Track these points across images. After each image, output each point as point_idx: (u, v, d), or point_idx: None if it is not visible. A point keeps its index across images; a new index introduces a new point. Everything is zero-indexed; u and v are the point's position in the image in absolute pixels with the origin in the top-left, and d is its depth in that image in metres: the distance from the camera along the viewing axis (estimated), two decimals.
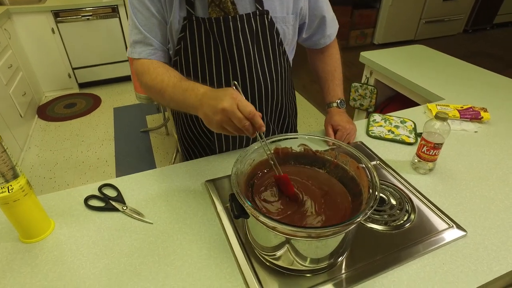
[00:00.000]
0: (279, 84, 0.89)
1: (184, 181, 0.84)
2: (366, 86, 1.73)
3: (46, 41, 2.93)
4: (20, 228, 0.67)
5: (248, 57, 0.80)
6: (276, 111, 0.95)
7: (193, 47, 0.78)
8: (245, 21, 0.76)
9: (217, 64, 0.80)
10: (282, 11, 0.80)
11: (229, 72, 0.81)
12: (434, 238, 0.69)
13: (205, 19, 0.75)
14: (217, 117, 0.59)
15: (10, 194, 0.60)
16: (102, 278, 0.61)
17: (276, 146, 0.71)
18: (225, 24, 0.75)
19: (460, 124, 1.07)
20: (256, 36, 0.79)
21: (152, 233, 0.70)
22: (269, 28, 0.80)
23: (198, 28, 0.76)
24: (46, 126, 2.78)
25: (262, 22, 0.78)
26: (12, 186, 0.60)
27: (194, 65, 0.81)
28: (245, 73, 0.81)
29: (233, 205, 0.59)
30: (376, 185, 0.57)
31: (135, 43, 0.80)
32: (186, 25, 0.75)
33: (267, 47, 0.82)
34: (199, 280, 0.61)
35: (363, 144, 0.99)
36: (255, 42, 0.80)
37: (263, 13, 0.78)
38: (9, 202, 0.61)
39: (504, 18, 5.14)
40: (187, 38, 0.77)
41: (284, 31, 0.83)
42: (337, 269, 0.63)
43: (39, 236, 0.68)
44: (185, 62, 0.81)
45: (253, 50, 0.80)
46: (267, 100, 0.88)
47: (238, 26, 0.76)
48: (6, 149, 0.59)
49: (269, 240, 0.59)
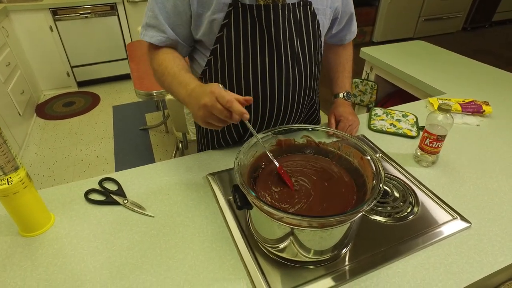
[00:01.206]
0: (314, 76, 0.89)
1: (186, 174, 0.84)
2: (367, 82, 1.72)
3: (44, 39, 2.91)
4: (20, 222, 0.67)
5: (292, 47, 0.79)
6: (309, 102, 0.96)
7: (236, 34, 0.76)
8: (290, 10, 0.76)
9: (262, 52, 0.78)
10: (322, 3, 0.81)
11: (274, 60, 0.79)
12: (438, 230, 0.68)
13: (252, 6, 0.73)
14: (200, 113, 0.63)
15: (9, 186, 0.59)
16: (103, 271, 0.60)
17: (279, 138, 0.70)
18: (275, 11, 0.74)
19: (462, 118, 1.06)
20: (300, 26, 0.79)
21: (153, 227, 0.69)
22: (311, 19, 0.80)
23: (244, 15, 0.74)
24: (44, 125, 2.77)
25: (306, 12, 0.78)
26: (12, 179, 0.59)
27: (237, 53, 0.78)
28: (288, 62, 0.80)
29: (236, 196, 0.58)
30: (381, 176, 0.57)
31: (148, 26, 0.78)
32: (231, 11, 0.73)
33: (309, 38, 0.82)
34: (202, 273, 0.60)
35: (365, 137, 0.98)
36: (298, 33, 0.79)
37: (307, 4, 0.78)
38: (8, 195, 0.60)
39: (502, 15, 5.15)
40: (231, 25, 0.75)
41: (323, 23, 0.84)
42: (340, 261, 0.62)
43: (39, 230, 0.68)
44: (227, 50, 0.78)
45: (296, 39, 0.79)
46: (305, 90, 0.87)
47: (286, 15, 0.75)
48: (6, 141, 0.58)
49: (273, 232, 0.58)
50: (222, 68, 0.81)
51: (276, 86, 0.81)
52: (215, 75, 0.83)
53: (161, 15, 0.76)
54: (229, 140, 0.93)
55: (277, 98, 0.83)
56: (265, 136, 0.68)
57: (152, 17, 0.77)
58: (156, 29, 0.78)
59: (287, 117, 0.88)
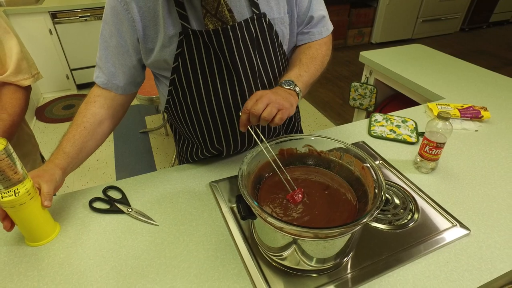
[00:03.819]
0: None
1: (189, 182, 0.85)
2: (366, 85, 1.73)
3: (44, 42, 2.91)
4: (26, 232, 0.67)
5: (251, 64, 0.77)
6: None
7: (192, 62, 0.74)
8: (244, 28, 0.73)
9: (220, 76, 0.76)
10: (279, 12, 0.78)
11: (234, 82, 0.77)
12: (438, 237, 0.69)
13: (202, 32, 0.70)
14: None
15: (16, 197, 0.60)
16: (109, 281, 0.61)
17: (281, 147, 0.71)
18: (225, 34, 0.71)
19: (461, 123, 1.08)
20: (256, 42, 0.76)
21: (158, 235, 0.70)
22: (268, 32, 0.77)
23: (196, 41, 0.72)
24: (44, 128, 2.77)
25: (261, 26, 0.75)
26: (19, 190, 0.60)
27: (196, 80, 0.76)
28: (249, 80, 0.77)
29: (240, 207, 0.59)
30: (382, 185, 0.58)
31: (96, 65, 0.80)
32: (183, 40, 0.71)
33: (269, 51, 0.79)
34: (207, 282, 0.61)
35: (365, 143, 0.99)
36: (256, 48, 0.77)
37: (261, 17, 0.75)
38: (15, 206, 0.61)
39: (500, 16, 5.18)
40: (185, 53, 0.73)
41: (283, 32, 0.81)
42: (342, 269, 0.64)
43: (44, 239, 0.68)
44: (185, 79, 0.76)
45: (255, 56, 0.77)
46: None
47: (238, 35, 0.73)
48: (12, 153, 0.59)
49: (276, 241, 0.59)
50: (184, 98, 0.79)
51: (241, 107, 0.77)
52: (179, 104, 0.81)
53: (104, 57, 0.77)
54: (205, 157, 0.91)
55: None
56: (267, 148, 0.69)
57: (98, 58, 0.78)
58: (100, 70, 0.79)
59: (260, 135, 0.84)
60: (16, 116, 0.86)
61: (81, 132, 0.76)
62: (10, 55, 0.88)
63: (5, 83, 0.88)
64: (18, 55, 0.90)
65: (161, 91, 0.86)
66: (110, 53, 0.77)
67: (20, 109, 0.89)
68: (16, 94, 0.90)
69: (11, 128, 0.84)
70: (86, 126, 0.77)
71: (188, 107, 0.81)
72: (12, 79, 0.88)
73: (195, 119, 0.82)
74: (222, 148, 0.86)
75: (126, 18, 0.71)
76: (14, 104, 0.87)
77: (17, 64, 0.89)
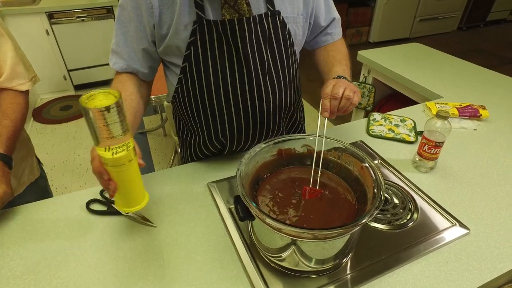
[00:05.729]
0: (290, 85, 0.88)
1: (186, 183, 0.84)
2: (364, 84, 1.73)
3: (41, 42, 2.90)
4: (125, 195, 0.62)
5: (261, 58, 0.78)
6: (288, 113, 0.94)
7: (204, 51, 0.75)
8: (257, 22, 0.75)
9: (231, 68, 0.77)
10: (292, 11, 0.80)
11: (244, 74, 0.78)
12: (437, 237, 0.69)
13: (217, 22, 0.72)
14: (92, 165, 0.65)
15: (128, 152, 0.55)
16: (107, 283, 0.61)
17: (279, 147, 0.71)
18: (240, 26, 0.73)
19: (459, 122, 1.08)
20: (268, 38, 0.78)
21: (156, 237, 0.70)
22: (281, 29, 0.79)
23: (210, 31, 0.73)
24: (42, 129, 2.76)
25: (274, 22, 0.77)
26: (129, 144, 0.56)
27: (206, 70, 0.77)
28: (258, 74, 0.78)
29: (238, 208, 0.59)
30: (381, 185, 0.58)
31: (113, 52, 0.80)
32: (196, 29, 0.72)
33: (280, 48, 0.81)
34: (205, 284, 0.60)
35: (363, 143, 0.99)
36: (268, 44, 0.78)
37: (275, 14, 0.77)
38: (125, 163, 0.56)
39: (497, 15, 5.19)
40: (197, 43, 0.74)
41: (295, 31, 0.82)
42: (342, 269, 0.63)
43: (139, 204, 0.63)
44: (195, 67, 0.77)
45: (266, 51, 0.78)
46: (280, 102, 0.85)
47: (252, 28, 0.74)
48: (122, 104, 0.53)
49: (275, 242, 0.59)
50: (193, 86, 0.80)
51: (249, 101, 0.80)
52: (187, 93, 0.82)
53: (122, 42, 0.78)
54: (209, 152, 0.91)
55: (251, 113, 0.81)
56: (266, 146, 0.68)
57: (115, 44, 0.79)
58: (118, 56, 0.79)
59: (264, 132, 0.87)
60: (18, 122, 0.84)
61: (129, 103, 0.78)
62: (4, 59, 0.85)
63: (4, 88, 0.86)
64: (12, 59, 0.87)
65: (170, 80, 0.87)
66: (129, 38, 0.77)
67: (21, 115, 0.87)
68: (16, 99, 0.88)
69: (14, 134, 0.82)
70: (132, 98, 0.79)
71: (195, 96, 0.81)
72: (7, 84, 0.86)
73: (201, 108, 0.83)
74: (225, 141, 0.86)
75: (145, 3, 0.72)
76: (15, 110, 0.85)
77: (12, 69, 0.87)
